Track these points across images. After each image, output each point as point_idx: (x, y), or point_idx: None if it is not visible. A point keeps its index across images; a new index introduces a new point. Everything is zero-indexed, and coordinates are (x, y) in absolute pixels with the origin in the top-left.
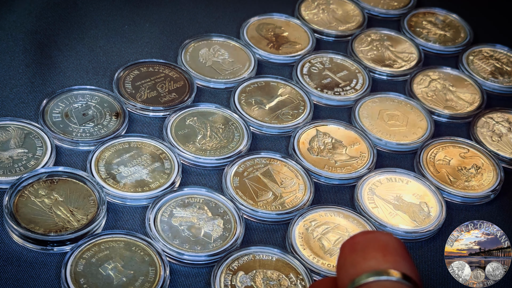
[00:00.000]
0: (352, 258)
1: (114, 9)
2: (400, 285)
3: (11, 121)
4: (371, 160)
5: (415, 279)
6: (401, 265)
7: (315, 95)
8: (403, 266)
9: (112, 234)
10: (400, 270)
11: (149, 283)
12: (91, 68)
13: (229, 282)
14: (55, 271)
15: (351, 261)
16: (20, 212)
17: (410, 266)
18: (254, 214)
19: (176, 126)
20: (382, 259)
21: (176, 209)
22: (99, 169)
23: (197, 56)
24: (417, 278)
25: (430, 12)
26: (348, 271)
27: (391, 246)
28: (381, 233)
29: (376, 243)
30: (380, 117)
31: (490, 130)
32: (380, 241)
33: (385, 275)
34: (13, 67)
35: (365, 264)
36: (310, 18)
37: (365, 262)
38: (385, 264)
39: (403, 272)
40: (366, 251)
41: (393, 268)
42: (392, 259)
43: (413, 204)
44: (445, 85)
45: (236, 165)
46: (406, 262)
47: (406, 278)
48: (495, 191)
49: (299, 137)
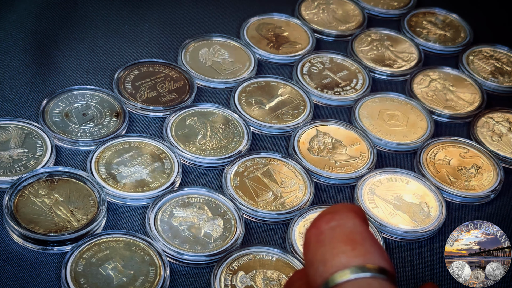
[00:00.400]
0: (321, 253)
1: (114, 9)
2: (375, 280)
3: (11, 121)
4: (371, 160)
5: (390, 269)
6: (372, 256)
7: (315, 95)
8: (374, 257)
9: (112, 234)
10: (373, 263)
11: (149, 283)
12: (91, 68)
13: (229, 282)
14: (55, 271)
15: (320, 257)
16: (20, 212)
17: (380, 255)
18: (254, 214)
19: (176, 126)
20: (352, 253)
21: (176, 209)
22: (99, 169)
23: (197, 56)
24: (391, 267)
25: (430, 12)
26: (318, 269)
27: (358, 234)
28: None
29: (342, 233)
30: (380, 117)
31: (490, 130)
32: (346, 230)
33: (358, 272)
34: (13, 67)
35: (335, 260)
36: (310, 18)
37: (335, 259)
38: (356, 259)
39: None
40: (334, 245)
41: (364, 262)
42: (363, 250)
43: (413, 204)
44: (445, 85)
45: (236, 165)
46: (376, 251)
47: (381, 271)
48: (495, 191)
49: (299, 137)
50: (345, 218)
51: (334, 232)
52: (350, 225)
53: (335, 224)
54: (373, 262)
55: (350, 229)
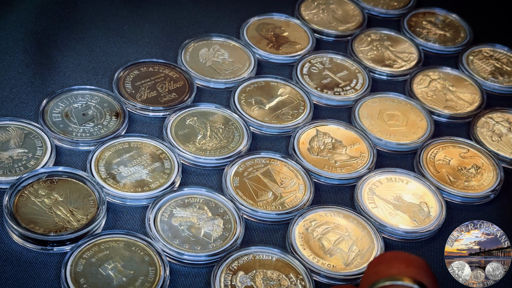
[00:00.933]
0: (377, 268)
1: (114, 9)
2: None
3: (11, 121)
4: (371, 160)
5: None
6: (422, 276)
7: (315, 95)
8: (423, 278)
9: (112, 234)
10: (419, 280)
11: (149, 283)
12: (91, 68)
13: (229, 282)
14: (55, 271)
15: (375, 270)
16: (20, 212)
17: (431, 280)
18: (254, 214)
19: (176, 126)
20: (405, 269)
21: (176, 209)
22: (99, 169)
23: (197, 56)
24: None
25: (430, 12)
26: (370, 278)
27: (416, 262)
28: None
29: (402, 258)
30: (380, 117)
31: (490, 130)
32: (407, 257)
33: (400, 281)
34: (13, 67)
35: (386, 272)
36: (310, 18)
37: (387, 271)
38: (405, 273)
39: (420, 281)
40: (391, 263)
41: (412, 276)
42: (415, 271)
43: (413, 204)
44: (445, 85)
45: (236, 165)
46: (427, 276)
47: (422, 286)
48: (495, 191)
49: (299, 137)
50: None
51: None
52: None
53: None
54: (419, 279)
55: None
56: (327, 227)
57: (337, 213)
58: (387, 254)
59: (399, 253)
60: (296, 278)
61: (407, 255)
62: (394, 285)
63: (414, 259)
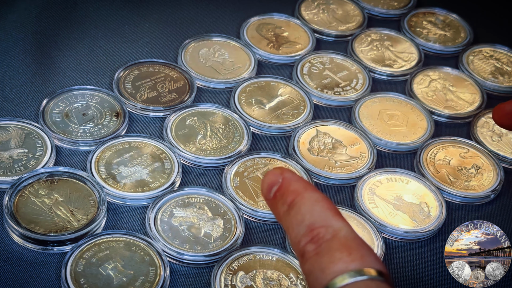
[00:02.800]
0: (319, 263)
1: (114, 9)
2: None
3: (11, 121)
4: (371, 160)
5: (383, 270)
6: (367, 260)
7: (315, 95)
8: (369, 260)
9: (112, 234)
10: (370, 266)
11: (149, 283)
12: (91, 68)
13: (229, 282)
14: (55, 271)
15: (319, 266)
16: (20, 212)
17: (374, 258)
18: (254, 214)
19: (176, 126)
20: (348, 258)
21: (176, 209)
22: (99, 169)
23: (197, 56)
24: (384, 268)
25: (430, 12)
26: (318, 277)
27: (352, 240)
28: (335, 224)
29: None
30: (380, 117)
31: (490, 130)
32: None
33: (354, 277)
34: (13, 67)
35: (333, 268)
36: (310, 18)
37: (332, 266)
38: (352, 263)
39: (371, 267)
40: (331, 253)
41: (361, 265)
42: (358, 255)
43: (413, 204)
44: (445, 85)
45: (236, 165)
46: (371, 255)
47: (378, 274)
48: (495, 191)
49: (299, 137)
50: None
51: (331, 243)
52: (343, 233)
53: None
54: (370, 265)
55: (344, 237)
56: None
57: None
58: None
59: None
60: (296, 278)
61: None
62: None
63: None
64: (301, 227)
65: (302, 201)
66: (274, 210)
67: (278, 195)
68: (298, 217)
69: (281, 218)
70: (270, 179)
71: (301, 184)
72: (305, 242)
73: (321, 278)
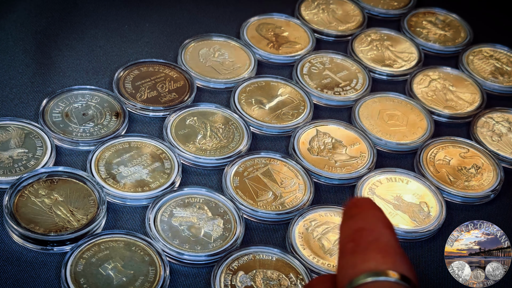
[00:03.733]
0: (353, 259)
1: (114, 9)
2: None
3: (11, 121)
4: (371, 160)
5: (413, 280)
6: (400, 266)
7: (315, 95)
8: (402, 267)
9: (112, 234)
10: (399, 271)
11: (149, 283)
12: (91, 68)
13: (229, 282)
14: (55, 271)
15: (352, 262)
16: (20, 212)
17: (408, 267)
18: (254, 214)
19: (176, 126)
20: (382, 260)
21: (176, 209)
22: (99, 169)
23: (197, 56)
24: (415, 278)
25: (430, 12)
26: (348, 271)
27: (391, 247)
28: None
29: (377, 245)
30: (380, 117)
31: (490, 130)
32: (381, 244)
33: (383, 276)
34: (13, 67)
35: (364, 265)
36: (310, 18)
37: (364, 264)
38: (383, 265)
39: (401, 273)
40: (366, 253)
41: (392, 269)
42: (391, 260)
43: (413, 204)
44: (445, 85)
45: (236, 165)
46: (405, 263)
47: (404, 279)
48: (495, 191)
49: (299, 137)
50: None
51: (370, 243)
52: (385, 240)
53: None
54: (399, 270)
55: (385, 243)
56: (327, 227)
57: (337, 213)
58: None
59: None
60: (296, 278)
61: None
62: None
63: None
64: (350, 230)
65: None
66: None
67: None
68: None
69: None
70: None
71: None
72: (348, 240)
73: (349, 273)
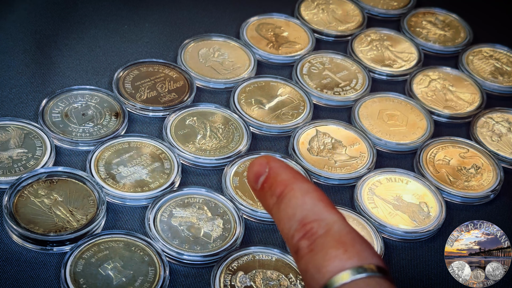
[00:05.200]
0: (313, 261)
1: (114, 9)
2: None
3: (10, 121)
4: (371, 160)
5: (383, 266)
6: (364, 255)
7: (315, 95)
8: (367, 256)
9: (111, 234)
10: (367, 262)
11: (149, 283)
12: (91, 68)
13: (229, 282)
14: (55, 271)
15: (313, 265)
16: (19, 212)
17: (372, 252)
18: (254, 214)
19: (176, 126)
20: (345, 255)
21: (175, 209)
22: (99, 169)
23: (197, 56)
24: (383, 263)
25: (429, 12)
26: (314, 276)
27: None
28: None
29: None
30: (380, 117)
31: (490, 130)
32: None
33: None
34: (13, 67)
35: (329, 265)
36: (310, 18)
37: (329, 264)
38: (349, 260)
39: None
40: (326, 251)
41: (359, 262)
42: (355, 251)
43: (412, 204)
44: (444, 85)
45: (236, 165)
46: (367, 249)
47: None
48: (495, 191)
49: (298, 137)
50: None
51: (325, 239)
52: (337, 228)
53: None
54: (367, 261)
55: (338, 232)
56: None
57: None
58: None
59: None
60: (296, 278)
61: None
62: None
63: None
64: (293, 222)
65: (291, 193)
66: (263, 201)
67: (266, 186)
68: (288, 210)
69: (270, 210)
70: (256, 169)
71: (289, 174)
72: (298, 238)
73: (317, 277)
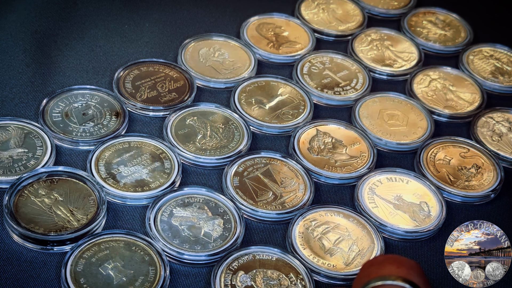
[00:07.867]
0: (369, 270)
1: (114, 9)
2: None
3: (11, 120)
4: (371, 160)
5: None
6: (412, 277)
7: (315, 94)
8: (414, 277)
9: (112, 234)
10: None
11: (149, 282)
12: (91, 68)
13: (229, 282)
14: (55, 270)
15: (367, 273)
16: (20, 212)
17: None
18: (254, 214)
19: (176, 126)
20: (396, 270)
21: (176, 209)
22: (99, 169)
23: (197, 55)
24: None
25: (430, 11)
26: (362, 279)
27: (408, 263)
28: (402, 257)
29: (394, 260)
30: (380, 116)
31: (490, 130)
32: (399, 259)
33: (390, 280)
34: (13, 67)
35: (378, 273)
36: (310, 18)
37: (378, 271)
38: (396, 273)
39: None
40: (383, 264)
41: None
42: (405, 271)
43: (413, 204)
44: (445, 84)
45: (236, 164)
46: (419, 275)
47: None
48: (495, 191)
49: (299, 136)
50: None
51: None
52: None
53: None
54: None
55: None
56: (327, 227)
57: (337, 213)
58: (379, 256)
59: (391, 256)
60: (296, 277)
61: (399, 257)
62: (385, 285)
63: (406, 260)
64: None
65: None
66: None
67: None
68: None
69: None
70: None
71: None
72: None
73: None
